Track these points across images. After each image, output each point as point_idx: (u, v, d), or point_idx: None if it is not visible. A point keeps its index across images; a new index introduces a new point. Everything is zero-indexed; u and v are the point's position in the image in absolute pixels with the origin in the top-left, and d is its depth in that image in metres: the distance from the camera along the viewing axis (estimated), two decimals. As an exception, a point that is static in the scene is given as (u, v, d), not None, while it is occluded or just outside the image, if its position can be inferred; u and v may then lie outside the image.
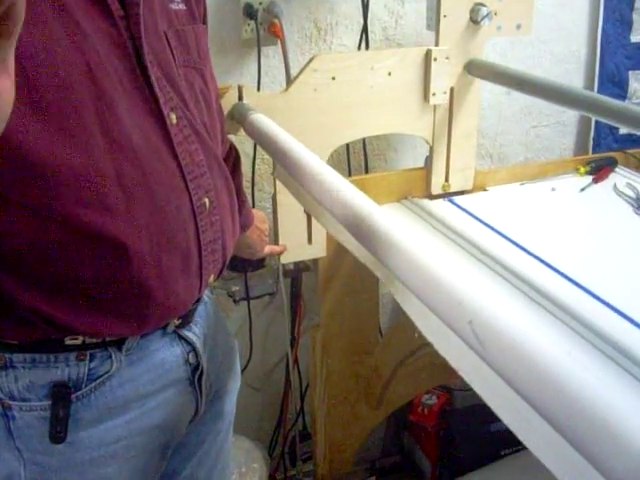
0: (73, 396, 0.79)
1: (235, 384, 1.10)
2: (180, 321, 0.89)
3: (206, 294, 0.98)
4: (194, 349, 0.91)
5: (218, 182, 0.88)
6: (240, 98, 1.25)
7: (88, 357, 0.79)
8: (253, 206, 1.62)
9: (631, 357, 0.95)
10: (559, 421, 0.44)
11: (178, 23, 0.85)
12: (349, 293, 1.56)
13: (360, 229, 0.72)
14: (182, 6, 0.87)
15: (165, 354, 0.87)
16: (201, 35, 0.91)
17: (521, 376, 0.48)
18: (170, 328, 0.88)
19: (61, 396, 0.78)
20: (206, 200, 0.83)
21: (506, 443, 1.86)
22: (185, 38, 0.85)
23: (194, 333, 0.92)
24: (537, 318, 1.05)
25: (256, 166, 1.61)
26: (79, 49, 0.68)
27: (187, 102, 0.83)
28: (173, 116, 0.79)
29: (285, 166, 0.95)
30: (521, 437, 0.53)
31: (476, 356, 0.53)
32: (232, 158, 1.13)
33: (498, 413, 0.55)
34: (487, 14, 1.36)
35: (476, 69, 1.41)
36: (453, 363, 0.61)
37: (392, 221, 0.69)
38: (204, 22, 0.96)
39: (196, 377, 0.92)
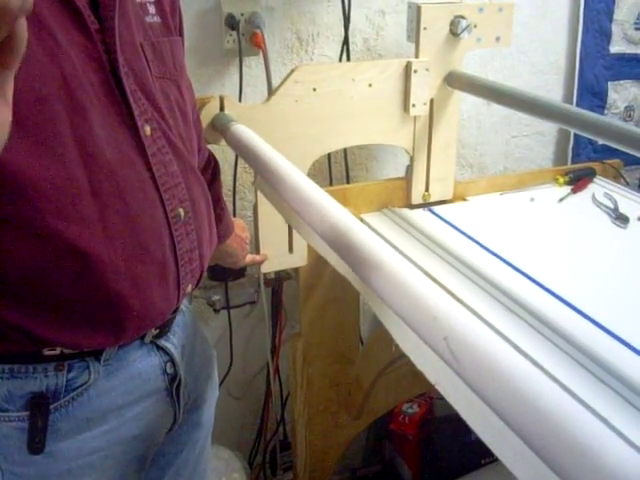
0: (51, 407, 0.79)
1: (213, 394, 1.10)
2: (158, 331, 0.89)
3: (184, 304, 0.99)
4: (172, 359, 0.92)
5: (195, 192, 0.88)
6: (222, 109, 1.25)
7: (66, 368, 0.79)
8: (234, 215, 1.62)
9: (606, 367, 0.96)
10: (531, 438, 0.45)
11: (153, 35, 0.86)
12: (330, 302, 1.57)
13: (338, 243, 0.72)
14: (157, 19, 0.88)
15: (143, 364, 0.88)
16: (177, 47, 0.92)
17: (495, 392, 0.48)
18: (148, 338, 0.88)
19: (39, 406, 0.78)
20: (181, 210, 0.84)
21: (487, 452, 1.87)
22: (160, 50, 0.86)
23: (172, 343, 0.92)
24: (515, 329, 1.06)
25: (238, 175, 1.61)
26: (55, 62, 0.68)
27: (163, 113, 0.83)
28: (147, 128, 0.79)
29: (265, 177, 0.95)
30: (495, 451, 0.54)
31: (452, 371, 0.53)
32: (211, 167, 1.14)
33: (473, 427, 0.56)
34: (467, 26, 1.38)
35: (456, 81, 1.43)
36: (430, 377, 0.62)
37: (370, 235, 0.70)
38: (180, 34, 0.96)
39: (174, 387, 0.92)
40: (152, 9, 0.87)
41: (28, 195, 0.68)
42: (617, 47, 2.01)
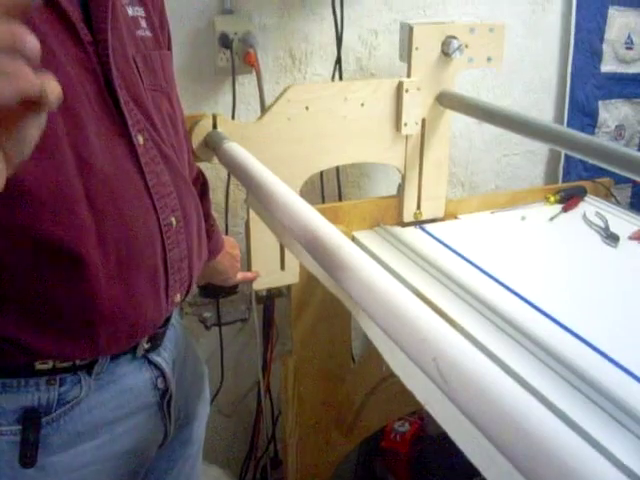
0: (43, 420, 0.79)
1: (204, 410, 1.10)
2: (149, 345, 0.89)
3: (175, 319, 0.99)
4: (163, 374, 0.92)
5: (186, 202, 0.90)
6: (214, 126, 1.26)
7: (58, 382, 0.80)
8: (226, 232, 1.62)
9: (597, 387, 0.96)
10: (519, 460, 0.45)
11: (145, 48, 0.88)
12: (322, 319, 1.57)
13: (328, 261, 0.72)
14: (148, 33, 0.90)
15: (134, 379, 0.88)
16: (167, 60, 0.94)
17: (483, 414, 0.49)
18: (139, 352, 0.88)
19: (31, 420, 0.78)
20: (173, 219, 0.85)
21: (478, 471, 1.86)
22: (152, 63, 0.89)
23: (163, 358, 0.93)
24: (506, 348, 1.06)
25: (230, 192, 1.61)
26: (52, 72, 0.69)
27: (155, 124, 0.85)
28: (140, 138, 0.81)
29: (257, 196, 0.95)
30: (484, 473, 0.54)
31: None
32: (199, 184, 1.15)
33: (462, 448, 0.55)
34: (458, 47, 1.39)
35: (447, 100, 1.44)
36: (419, 397, 0.62)
37: (359, 254, 0.70)
38: (169, 49, 0.99)
39: (165, 402, 0.93)
40: (143, 23, 0.90)
41: (25, 200, 0.69)
42: (608, 66, 2.03)
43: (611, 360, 1.04)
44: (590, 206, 1.70)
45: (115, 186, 0.76)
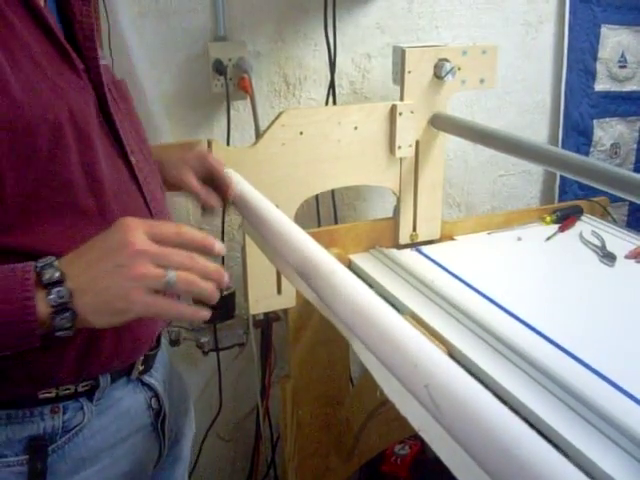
0: (49, 448, 0.80)
1: (190, 429, 1.12)
2: (143, 367, 0.91)
3: (162, 341, 1.01)
4: (156, 394, 0.94)
5: (169, 219, 0.94)
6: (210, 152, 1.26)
7: (62, 410, 0.81)
8: (223, 257, 1.61)
9: (594, 409, 0.96)
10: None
11: (111, 76, 0.92)
12: (319, 343, 1.56)
13: (321, 287, 0.73)
14: (107, 62, 0.96)
15: (130, 401, 0.90)
16: (127, 87, 0.98)
17: (475, 441, 0.48)
18: (134, 374, 0.90)
19: (38, 450, 0.79)
20: None
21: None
22: (122, 88, 0.93)
23: (155, 378, 0.95)
24: (503, 370, 1.06)
25: (226, 216, 1.61)
26: (60, 96, 0.73)
27: (141, 147, 0.90)
28: (133, 158, 0.85)
29: (251, 222, 0.96)
30: (478, 499, 0.53)
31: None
32: None
33: (457, 474, 0.55)
34: (451, 69, 1.40)
35: (440, 123, 1.45)
36: (413, 423, 0.62)
37: (352, 279, 0.70)
38: None
39: (159, 422, 0.94)
40: (101, 52, 0.93)
41: (35, 222, 0.71)
42: (602, 85, 2.04)
43: (608, 381, 1.03)
44: (586, 225, 1.70)
45: (124, 203, 0.80)
